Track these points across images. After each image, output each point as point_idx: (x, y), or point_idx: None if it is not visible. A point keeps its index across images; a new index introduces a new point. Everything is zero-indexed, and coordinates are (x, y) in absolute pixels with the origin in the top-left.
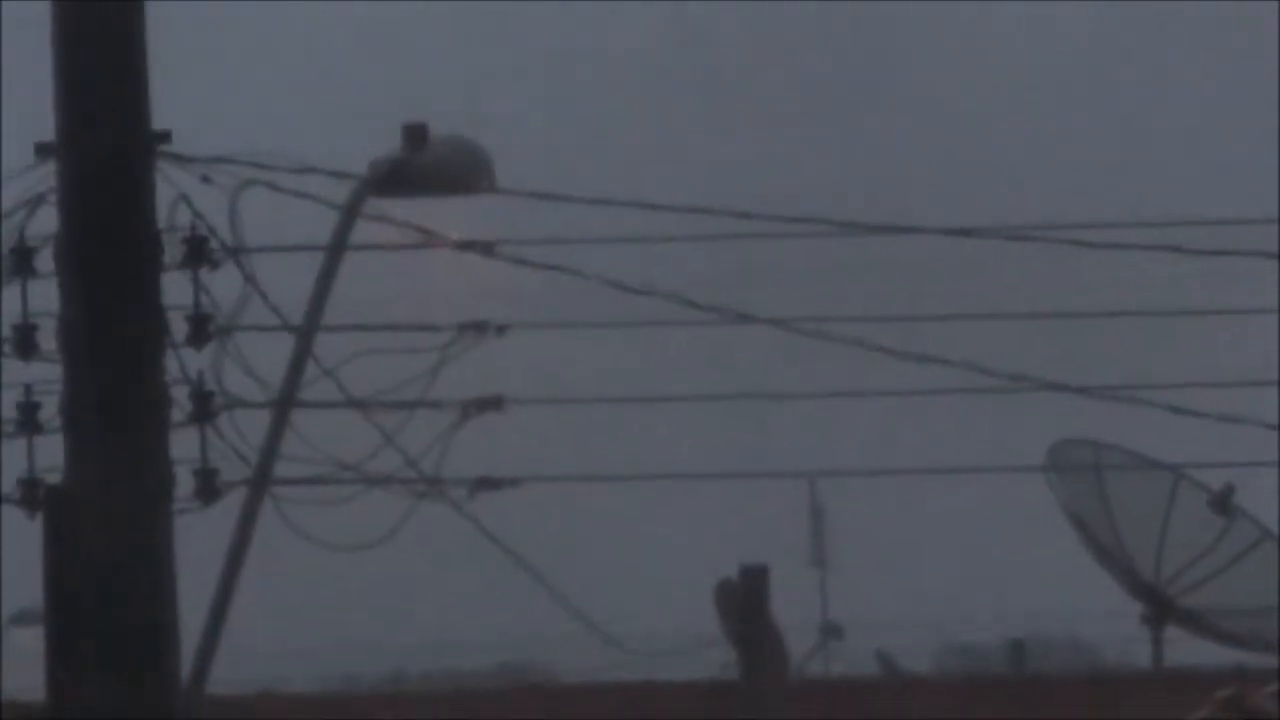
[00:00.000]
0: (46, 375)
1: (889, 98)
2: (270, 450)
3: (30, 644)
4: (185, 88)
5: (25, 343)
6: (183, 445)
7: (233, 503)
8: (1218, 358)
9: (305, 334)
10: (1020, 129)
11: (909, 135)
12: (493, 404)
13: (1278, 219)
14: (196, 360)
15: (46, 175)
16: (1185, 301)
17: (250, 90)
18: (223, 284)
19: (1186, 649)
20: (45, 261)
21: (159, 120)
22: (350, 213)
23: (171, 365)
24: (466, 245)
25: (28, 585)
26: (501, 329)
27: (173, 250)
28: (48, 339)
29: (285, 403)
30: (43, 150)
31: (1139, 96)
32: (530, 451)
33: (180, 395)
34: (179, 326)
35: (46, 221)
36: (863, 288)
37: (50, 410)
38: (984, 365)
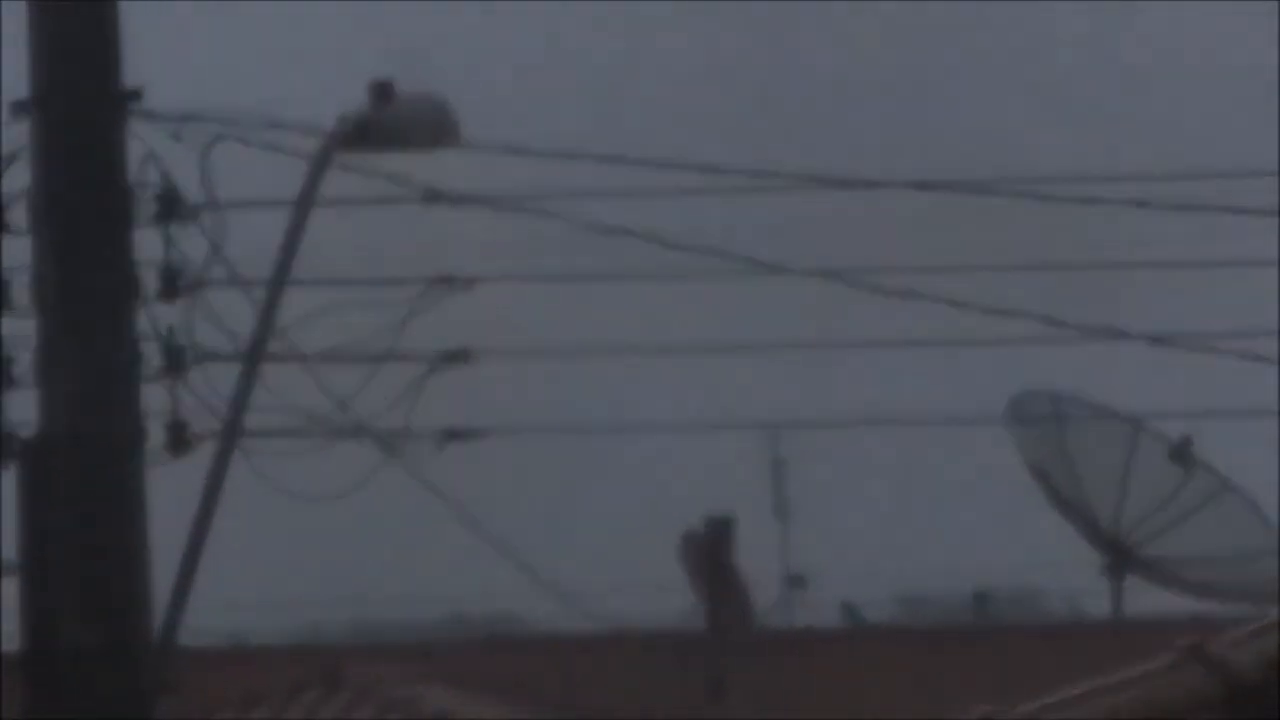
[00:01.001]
0: (21, 330)
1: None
2: (240, 403)
3: (6, 594)
4: (156, 43)
5: (0, 297)
6: (154, 399)
7: (204, 455)
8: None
9: (274, 288)
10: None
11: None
12: (460, 357)
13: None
14: (168, 315)
15: (22, 133)
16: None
17: (221, 46)
18: (193, 239)
19: (1147, 600)
20: (21, 218)
21: (131, 78)
22: (318, 166)
23: (143, 320)
24: (432, 197)
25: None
26: (469, 282)
27: (145, 207)
28: (22, 294)
29: (254, 356)
30: (17, 108)
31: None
32: (499, 405)
33: (151, 350)
34: (150, 281)
35: (23, 179)
36: (836, 239)
37: (24, 364)
38: (958, 300)
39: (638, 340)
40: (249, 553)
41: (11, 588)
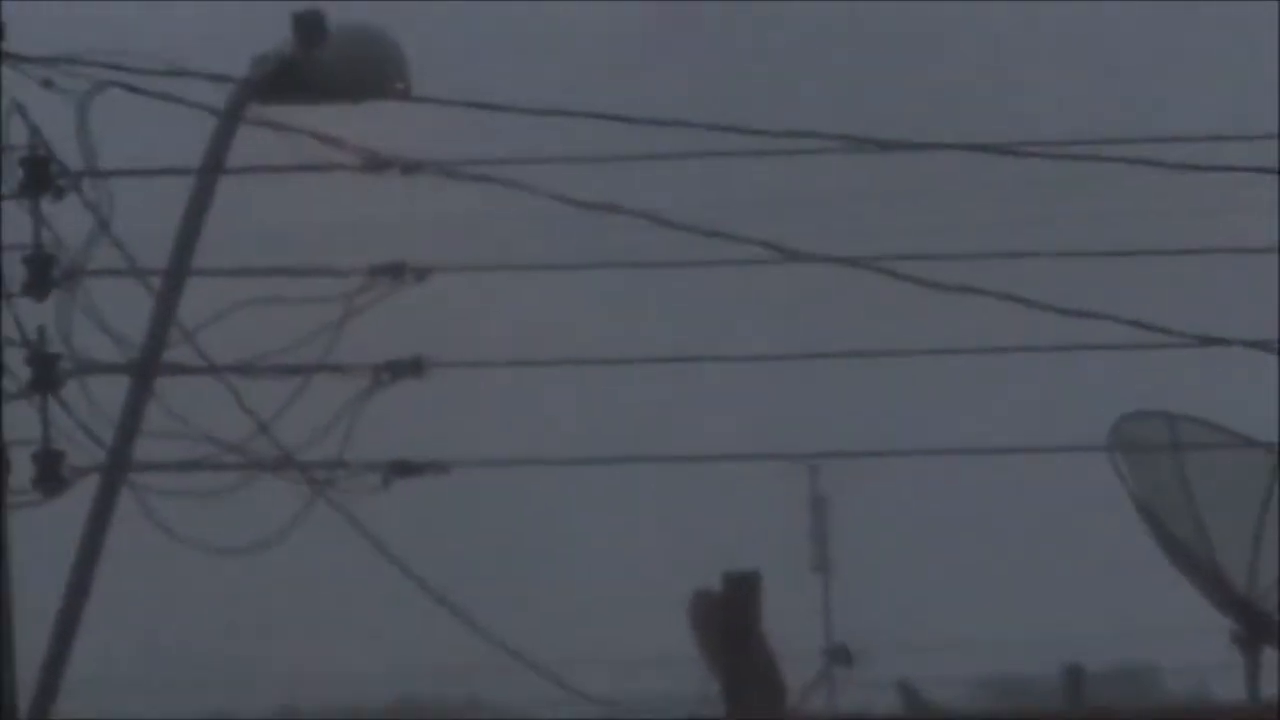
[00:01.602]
0: None
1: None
2: (129, 426)
3: None
4: None
5: None
6: (19, 421)
7: (83, 492)
8: None
9: (173, 279)
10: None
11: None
12: (412, 368)
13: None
14: (37, 313)
15: None
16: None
17: None
18: (70, 216)
19: None
20: None
21: None
22: (228, 123)
23: (5, 319)
24: (377, 163)
25: None
26: (422, 272)
27: (8, 174)
28: None
29: (148, 366)
30: None
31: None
32: (458, 427)
33: (15, 358)
34: (14, 270)
35: None
36: (862, 210)
37: None
38: (1032, 299)
39: (630, 345)
40: (142, 618)
41: None
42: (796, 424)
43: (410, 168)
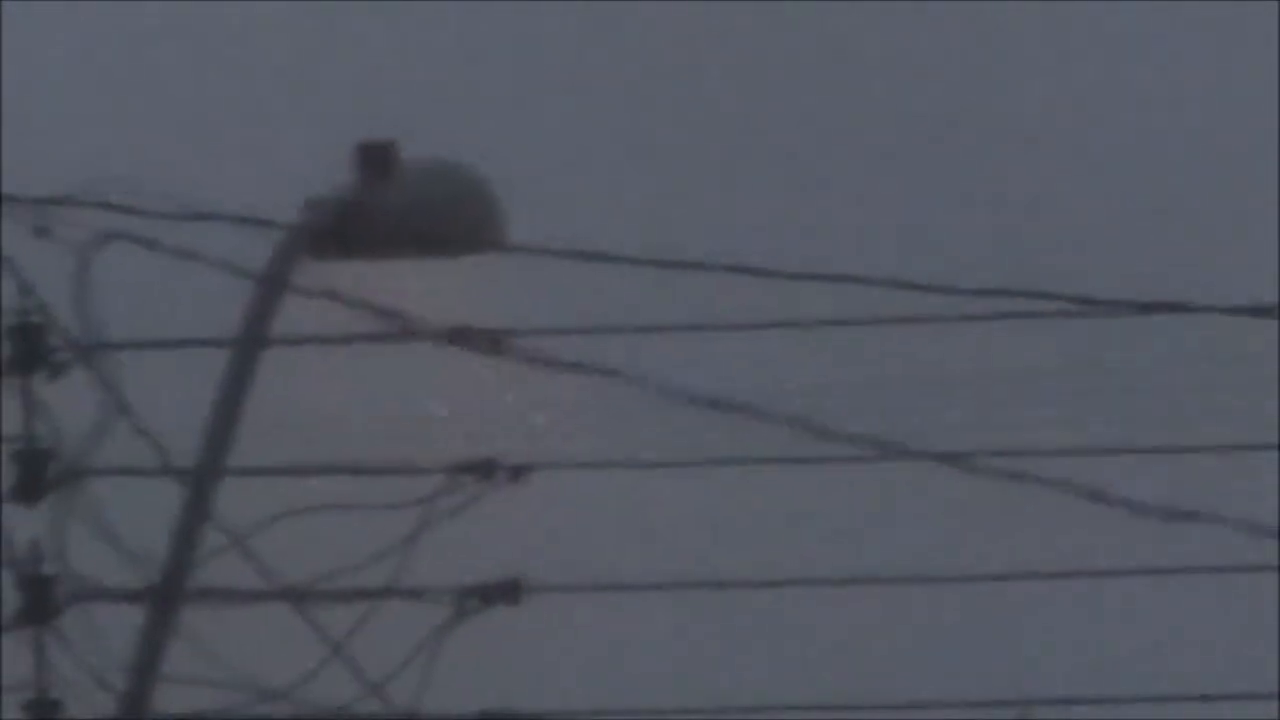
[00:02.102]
0: None
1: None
2: (145, 668)
3: None
4: (17, 96)
5: None
6: (5, 662)
7: None
8: None
9: (202, 479)
10: None
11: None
12: (506, 592)
13: None
14: (28, 523)
15: None
16: None
17: (113, 96)
18: (70, 398)
19: None
20: None
21: None
22: (274, 283)
23: None
24: (461, 334)
25: None
26: (519, 470)
27: None
28: None
29: (170, 591)
30: None
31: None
32: (561, 665)
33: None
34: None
35: None
36: None
37: None
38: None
39: (801, 546)
40: None
41: None
42: None
43: (501, 340)
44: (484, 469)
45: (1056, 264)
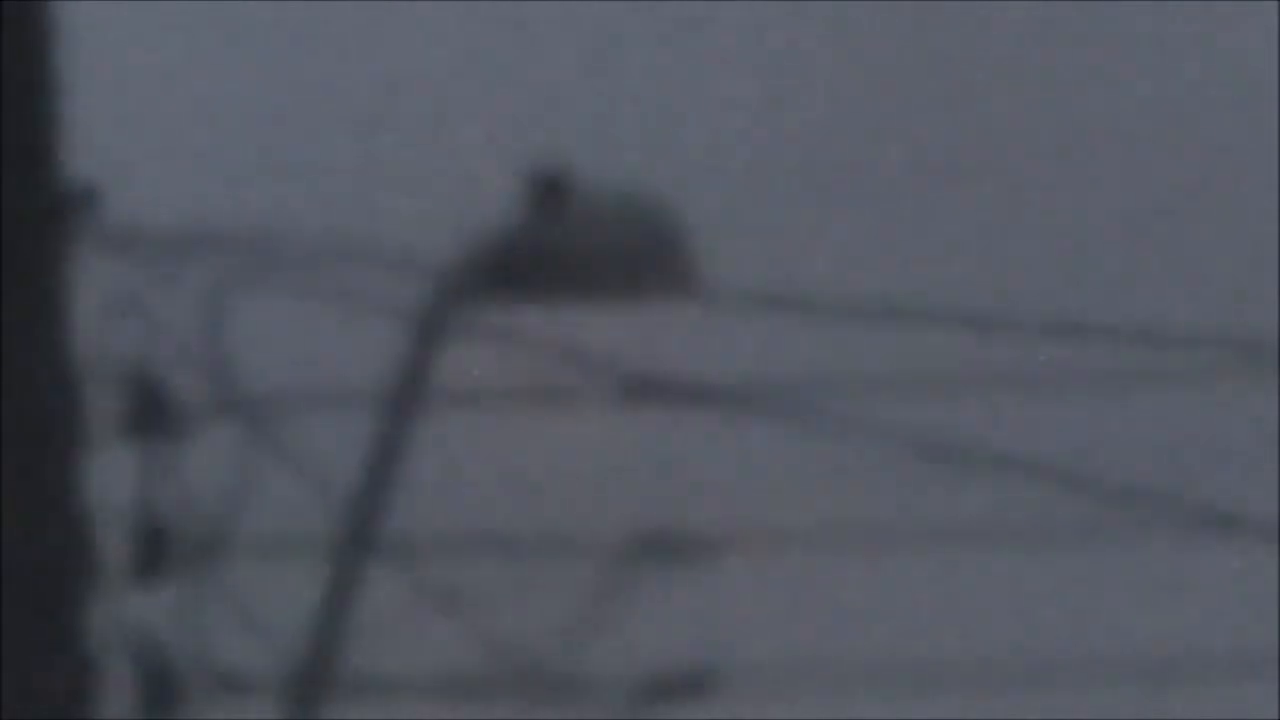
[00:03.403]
0: None
1: None
2: None
3: None
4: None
5: None
6: None
7: None
8: None
9: (354, 551)
10: None
11: None
12: (691, 686)
13: None
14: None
15: None
16: None
17: (251, 115)
18: (201, 463)
19: None
20: None
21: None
22: (430, 334)
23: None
24: (647, 389)
25: None
26: (708, 546)
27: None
28: None
29: (318, 683)
30: None
31: None
32: None
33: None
34: (112, 544)
35: None
36: None
37: None
38: None
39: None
40: None
41: None
42: None
43: (694, 397)
44: (669, 543)
45: None
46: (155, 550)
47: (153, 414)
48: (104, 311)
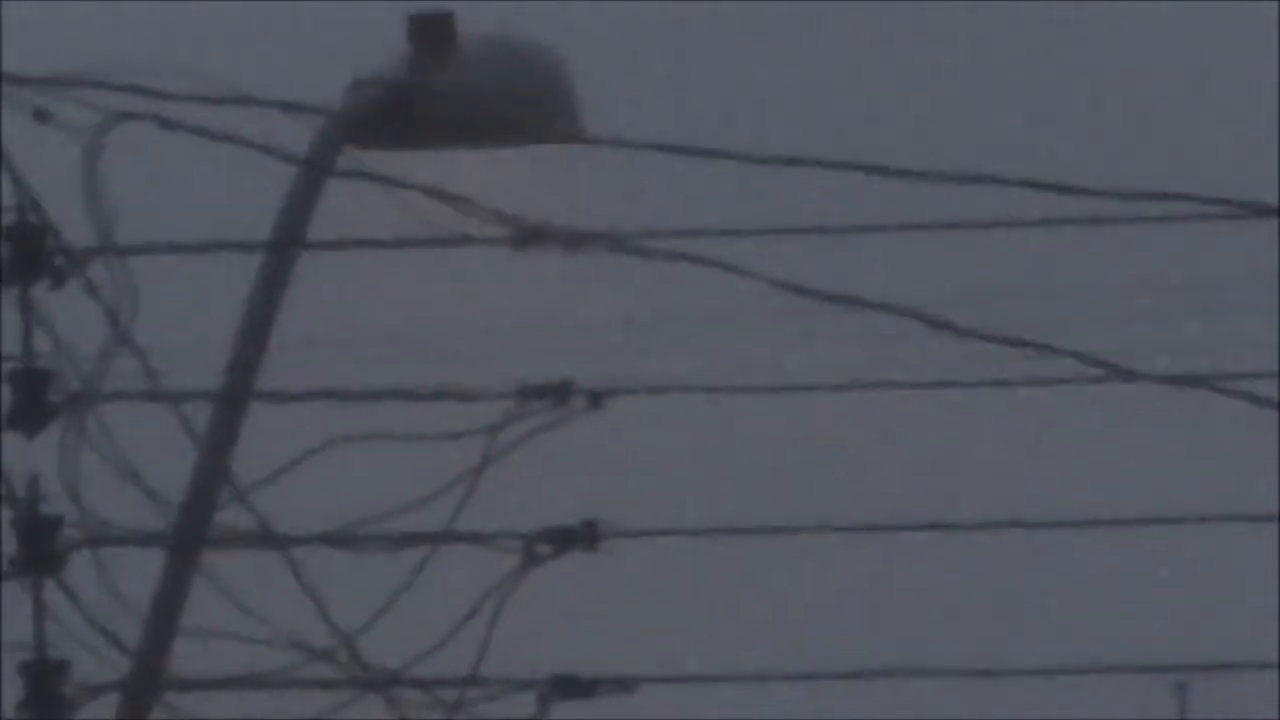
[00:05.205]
0: None
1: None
2: (164, 624)
3: None
4: None
5: None
6: (7, 612)
7: None
8: None
9: (229, 406)
10: None
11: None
12: (581, 537)
13: None
14: (27, 455)
15: None
16: None
17: None
18: (75, 311)
19: None
20: None
21: None
22: (313, 176)
23: None
24: (530, 234)
25: None
26: (598, 395)
27: None
28: None
29: (191, 535)
30: None
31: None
32: (645, 619)
33: None
34: None
35: None
36: None
37: None
38: None
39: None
40: None
41: None
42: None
43: (577, 241)
44: (557, 391)
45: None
46: (35, 397)
47: (30, 261)
48: None
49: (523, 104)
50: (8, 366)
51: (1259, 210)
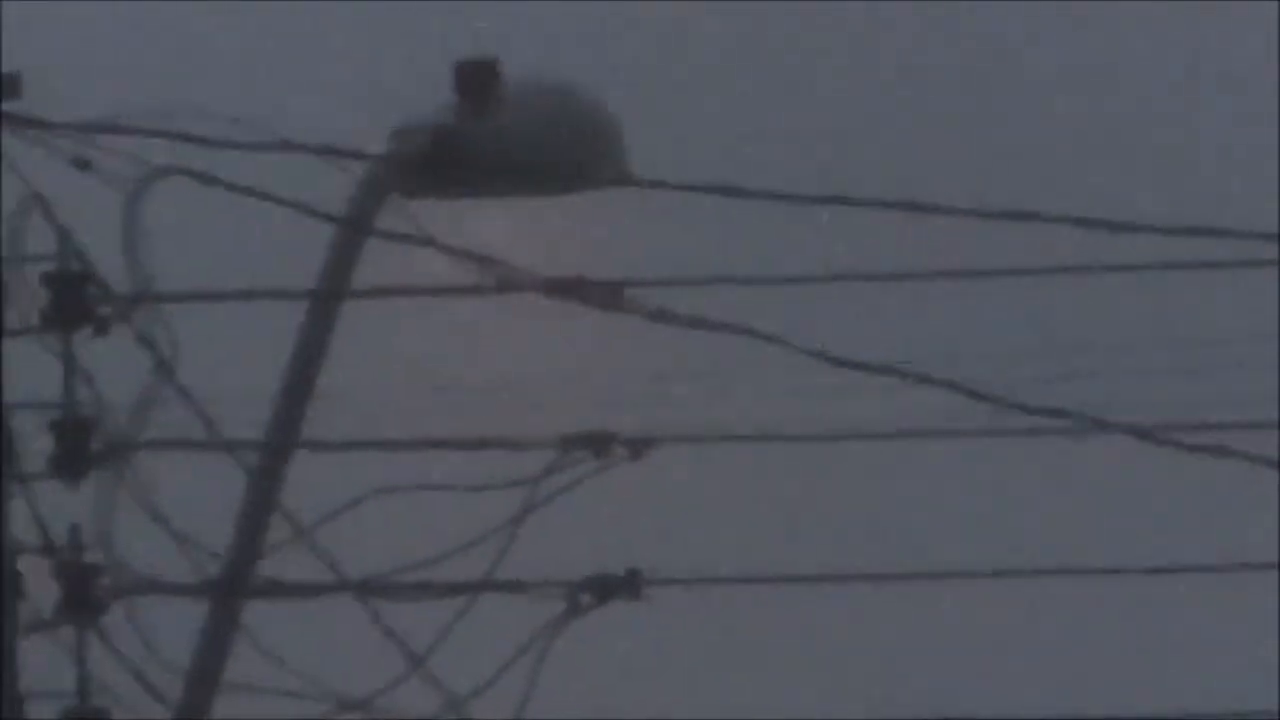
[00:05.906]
0: None
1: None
2: (205, 671)
3: None
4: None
5: None
6: (41, 664)
7: None
8: None
9: (272, 454)
10: None
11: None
12: (624, 587)
13: None
14: (67, 504)
15: None
16: None
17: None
18: (115, 360)
19: None
20: None
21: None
22: (356, 228)
23: (18, 514)
24: (573, 286)
25: None
26: (640, 445)
27: (24, 301)
28: None
29: (233, 588)
30: None
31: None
32: (687, 665)
33: (36, 570)
34: (34, 439)
35: None
36: None
37: None
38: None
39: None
40: None
41: None
42: None
43: (619, 293)
44: (599, 442)
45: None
46: (75, 446)
47: (70, 310)
48: (20, 207)
49: (569, 149)
50: (49, 416)
51: None
